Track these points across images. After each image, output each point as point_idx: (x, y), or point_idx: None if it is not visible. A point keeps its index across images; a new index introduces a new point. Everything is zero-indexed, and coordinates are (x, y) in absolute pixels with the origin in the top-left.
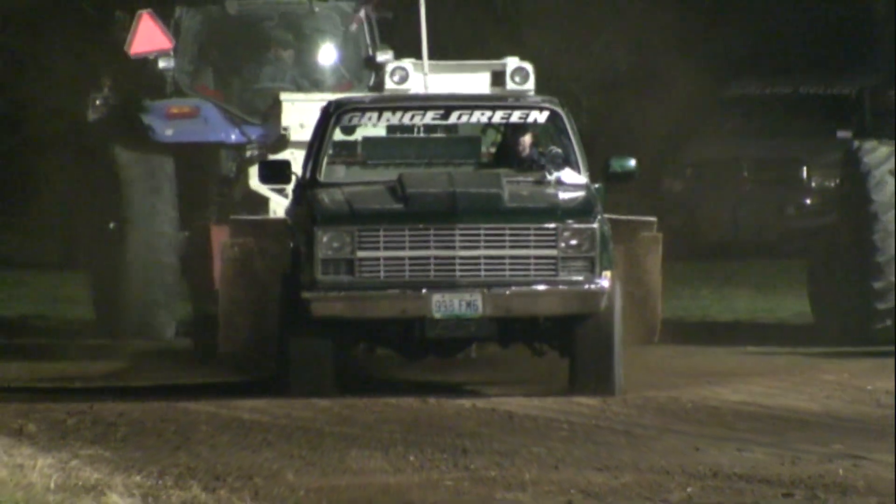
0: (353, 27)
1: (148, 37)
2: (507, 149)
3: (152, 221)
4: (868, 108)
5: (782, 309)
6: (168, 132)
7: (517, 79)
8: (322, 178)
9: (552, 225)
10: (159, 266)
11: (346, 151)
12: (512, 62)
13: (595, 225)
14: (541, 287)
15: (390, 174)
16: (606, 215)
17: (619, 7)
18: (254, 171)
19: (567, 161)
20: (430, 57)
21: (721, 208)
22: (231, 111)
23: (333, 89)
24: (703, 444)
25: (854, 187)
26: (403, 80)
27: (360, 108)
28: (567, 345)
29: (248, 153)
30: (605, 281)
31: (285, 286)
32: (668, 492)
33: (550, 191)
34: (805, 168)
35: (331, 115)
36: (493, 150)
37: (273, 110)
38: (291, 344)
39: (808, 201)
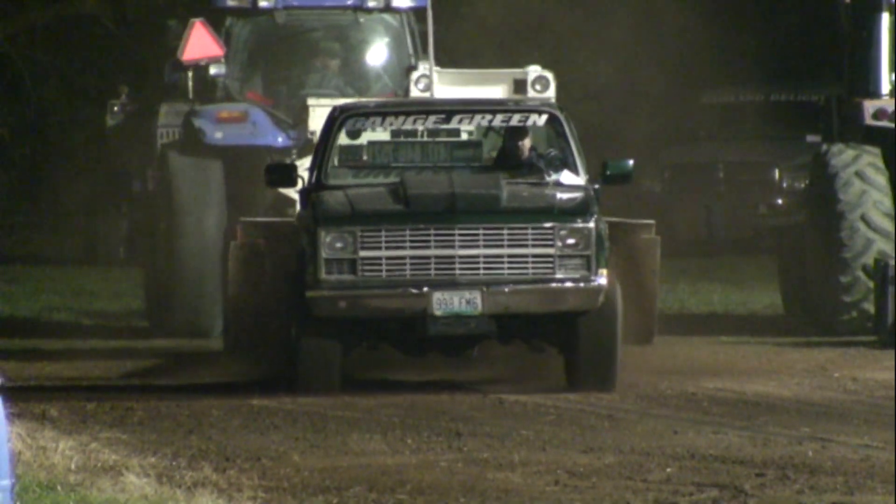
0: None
1: (200, 44)
2: (507, 152)
3: (202, 221)
4: (835, 113)
5: (754, 302)
6: (218, 135)
7: (538, 87)
8: (327, 181)
9: (549, 224)
10: (207, 265)
11: (351, 155)
12: (534, 70)
13: (591, 224)
14: (538, 285)
15: (394, 177)
16: (606, 217)
17: (602, 21)
18: None
19: (565, 163)
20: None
21: (697, 208)
22: (278, 117)
23: (377, 97)
24: (680, 428)
25: (822, 188)
26: (428, 87)
27: (365, 113)
28: (566, 342)
29: (292, 157)
30: (601, 279)
31: (291, 286)
32: (649, 472)
33: (548, 191)
34: (776, 170)
35: (336, 120)
36: (493, 153)
37: (301, 115)
38: (299, 343)
39: (779, 201)
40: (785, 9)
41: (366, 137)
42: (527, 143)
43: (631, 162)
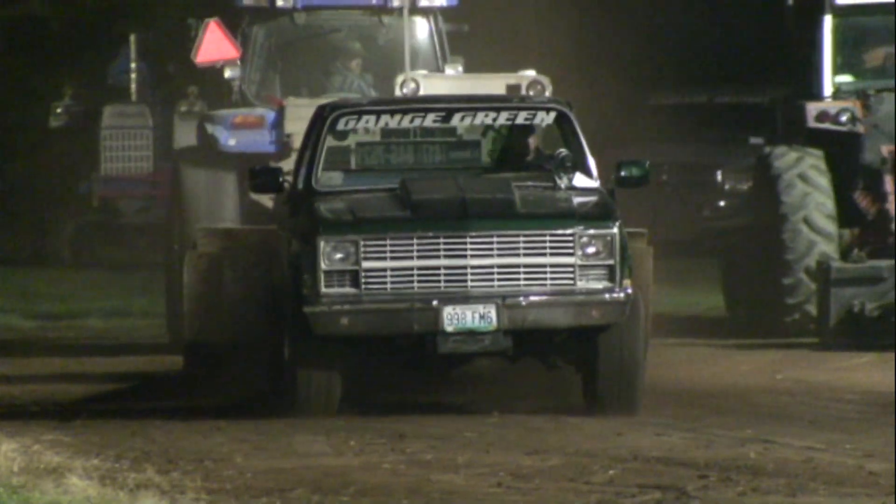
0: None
1: (215, 45)
2: (510, 153)
3: None
4: (780, 116)
5: (698, 304)
6: (231, 142)
7: (532, 93)
8: (318, 185)
9: (569, 231)
10: None
11: (337, 158)
12: (528, 75)
13: (615, 230)
14: (558, 297)
15: (388, 181)
16: None
17: (548, 22)
18: None
19: (576, 164)
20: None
21: (641, 210)
22: None
23: None
24: (624, 430)
25: (765, 190)
26: (415, 92)
27: (357, 111)
28: (585, 359)
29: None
30: (626, 290)
31: (281, 302)
32: (592, 473)
33: (564, 195)
34: (720, 172)
35: (325, 119)
36: (492, 154)
37: (279, 116)
38: (296, 365)
39: (723, 203)
40: (729, 11)
41: (353, 139)
42: (533, 141)
43: (647, 163)
